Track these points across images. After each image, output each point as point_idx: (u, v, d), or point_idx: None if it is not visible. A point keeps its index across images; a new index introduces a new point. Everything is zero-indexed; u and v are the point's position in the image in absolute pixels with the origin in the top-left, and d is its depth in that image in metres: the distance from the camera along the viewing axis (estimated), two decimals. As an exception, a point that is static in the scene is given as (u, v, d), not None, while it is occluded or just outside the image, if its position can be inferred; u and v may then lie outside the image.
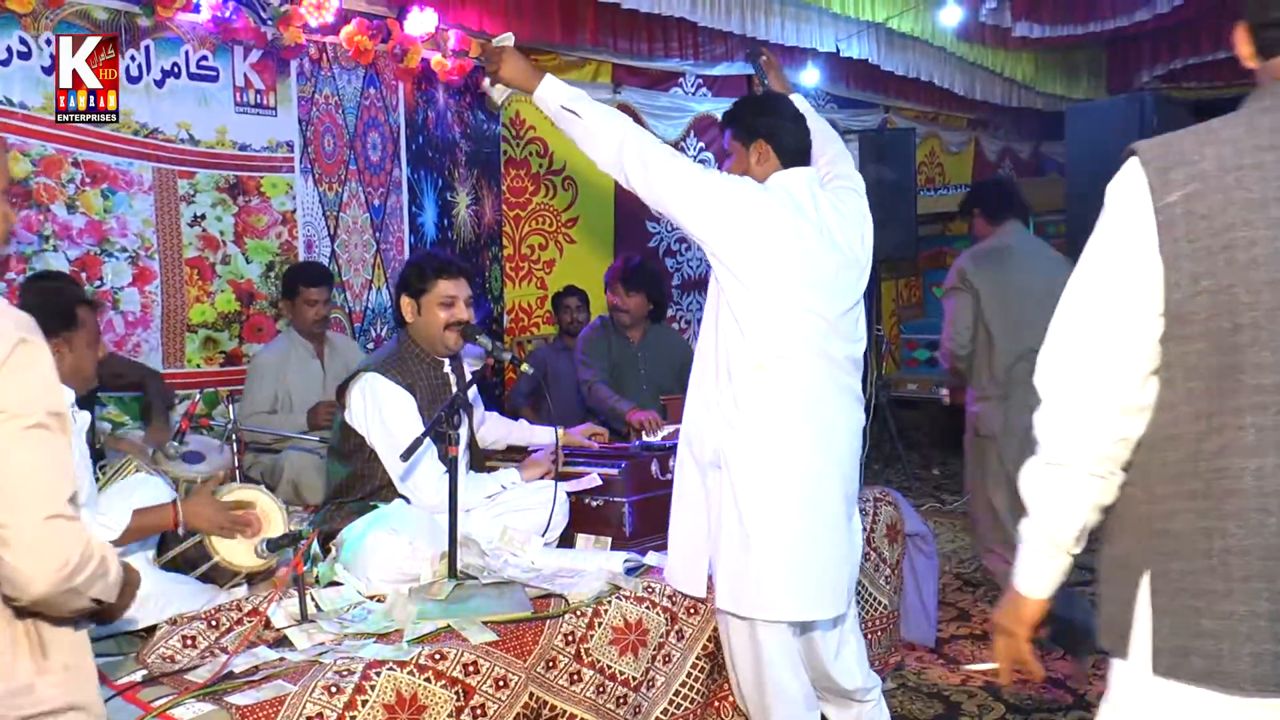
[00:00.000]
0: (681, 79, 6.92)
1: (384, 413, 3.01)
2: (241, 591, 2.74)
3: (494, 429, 3.55)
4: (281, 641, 2.39)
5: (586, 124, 2.58)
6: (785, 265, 2.51)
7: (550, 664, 2.45)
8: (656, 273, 4.56)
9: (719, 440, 2.55)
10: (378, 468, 3.04)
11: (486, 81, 2.77)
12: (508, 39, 2.74)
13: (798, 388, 2.52)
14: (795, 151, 2.67)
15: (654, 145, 2.56)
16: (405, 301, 3.15)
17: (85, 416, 2.75)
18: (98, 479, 2.97)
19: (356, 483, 3.08)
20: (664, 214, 2.63)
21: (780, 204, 2.54)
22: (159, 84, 4.40)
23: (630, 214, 6.66)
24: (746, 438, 2.51)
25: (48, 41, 4.05)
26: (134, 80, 4.29)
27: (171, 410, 3.81)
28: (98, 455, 3.32)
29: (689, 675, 2.74)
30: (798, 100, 3.00)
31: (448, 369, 3.19)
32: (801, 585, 2.52)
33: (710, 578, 2.67)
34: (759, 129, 2.67)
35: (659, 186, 2.54)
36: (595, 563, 2.85)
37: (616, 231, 6.57)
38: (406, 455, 2.67)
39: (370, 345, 5.21)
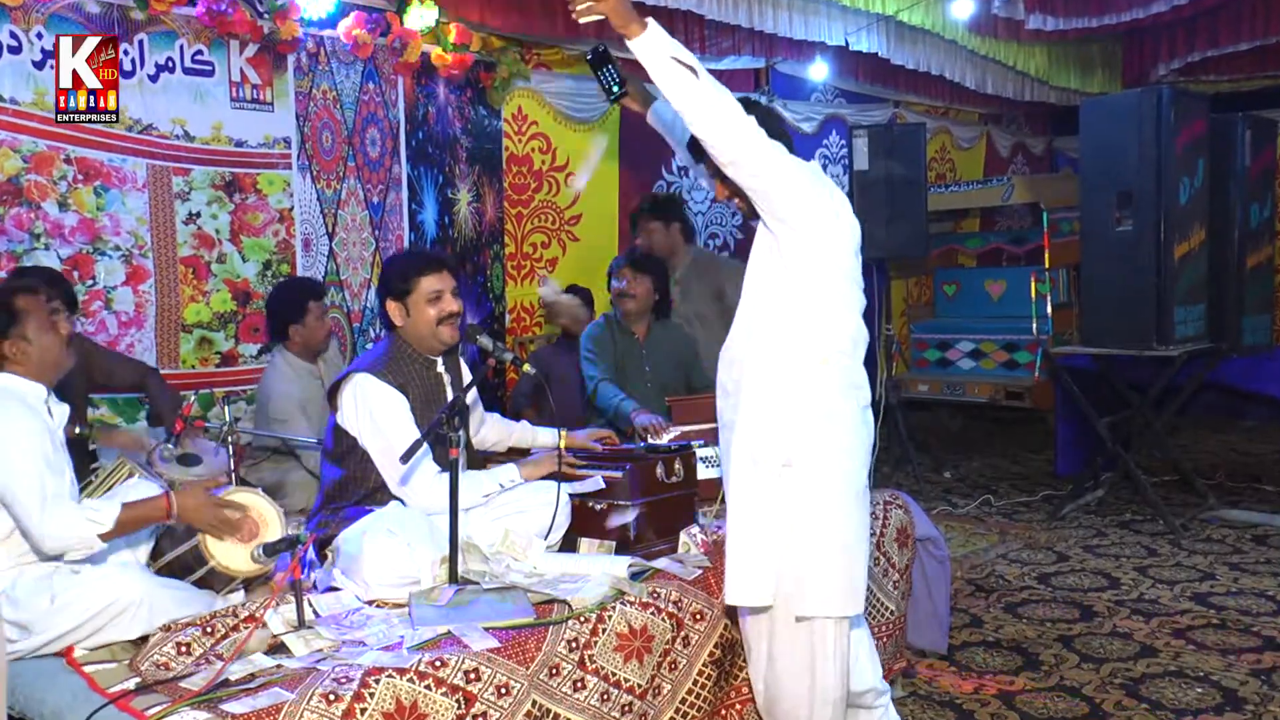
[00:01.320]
0: (687, 73, 6.90)
1: (375, 414, 3.00)
2: (238, 597, 2.73)
3: (495, 431, 3.54)
4: (278, 648, 2.39)
5: (702, 86, 2.38)
6: (847, 258, 2.59)
7: (553, 671, 2.44)
8: (664, 262, 4.56)
9: (789, 439, 2.53)
10: (371, 470, 3.03)
11: (574, 11, 2.50)
12: None
13: (851, 380, 2.59)
14: (790, 145, 2.67)
15: (755, 125, 2.46)
16: (392, 306, 3.13)
17: (64, 409, 2.74)
18: (89, 483, 2.98)
19: (350, 485, 3.08)
20: (755, 196, 2.53)
21: (831, 196, 2.61)
22: (153, 79, 4.40)
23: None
24: (817, 434, 2.53)
25: (39, 35, 4.06)
26: (128, 75, 4.29)
27: (179, 408, 3.75)
28: (90, 455, 3.31)
29: (695, 683, 2.74)
30: (663, 109, 2.90)
31: (440, 368, 3.18)
32: (860, 578, 2.59)
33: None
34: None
35: (763, 170, 2.47)
36: (599, 567, 2.84)
37: (621, 230, 6.56)
38: (406, 458, 2.67)
39: (369, 346, 5.21)
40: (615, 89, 2.71)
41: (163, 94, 4.43)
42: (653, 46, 2.37)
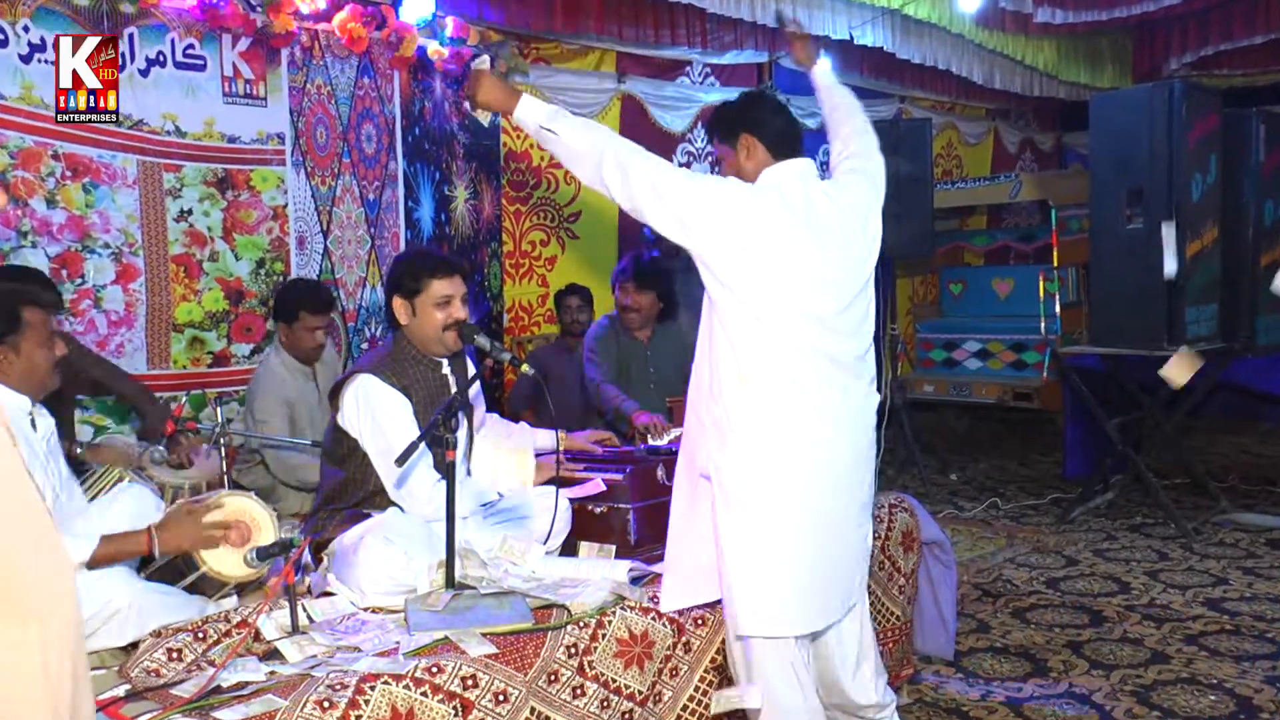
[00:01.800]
0: (689, 68, 6.91)
1: (377, 416, 3.00)
2: (230, 602, 2.73)
3: (493, 432, 3.54)
4: (272, 654, 2.39)
5: (566, 141, 2.58)
6: (775, 269, 2.53)
7: (552, 677, 2.44)
8: (669, 269, 4.54)
9: (709, 452, 2.60)
10: (371, 473, 3.04)
11: (467, 105, 2.81)
12: (484, 62, 2.75)
13: (790, 397, 2.54)
14: (783, 141, 2.69)
15: (633, 153, 2.57)
16: (398, 303, 3.13)
17: (49, 422, 2.73)
18: (82, 484, 2.97)
19: (349, 487, 3.08)
20: (649, 225, 2.62)
21: (768, 204, 2.56)
22: (143, 73, 4.40)
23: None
24: (736, 452, 2.56)
25: (25, 29, 4.05)
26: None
27: (165, 419, 3.76)
28: (79, 468, 3.31)
29: (696, 689, 2.73)
30: (824, 69, 3.14)
31: (447, 370, 3.18)
32: (794, 599, 2.56)
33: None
34: (741, 124, 2.70)
35: (639, 195, 2.54)
36: (599, 572, 2.84)
37: (621, 227, 6.57)
38: (401, 460, 2.67)
39: (364, 345, 5.21)
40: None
41: (153, 89, 4.43)
42: (524, 120, 2.62)
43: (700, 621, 2.75)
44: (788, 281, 2.53)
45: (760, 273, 2.52)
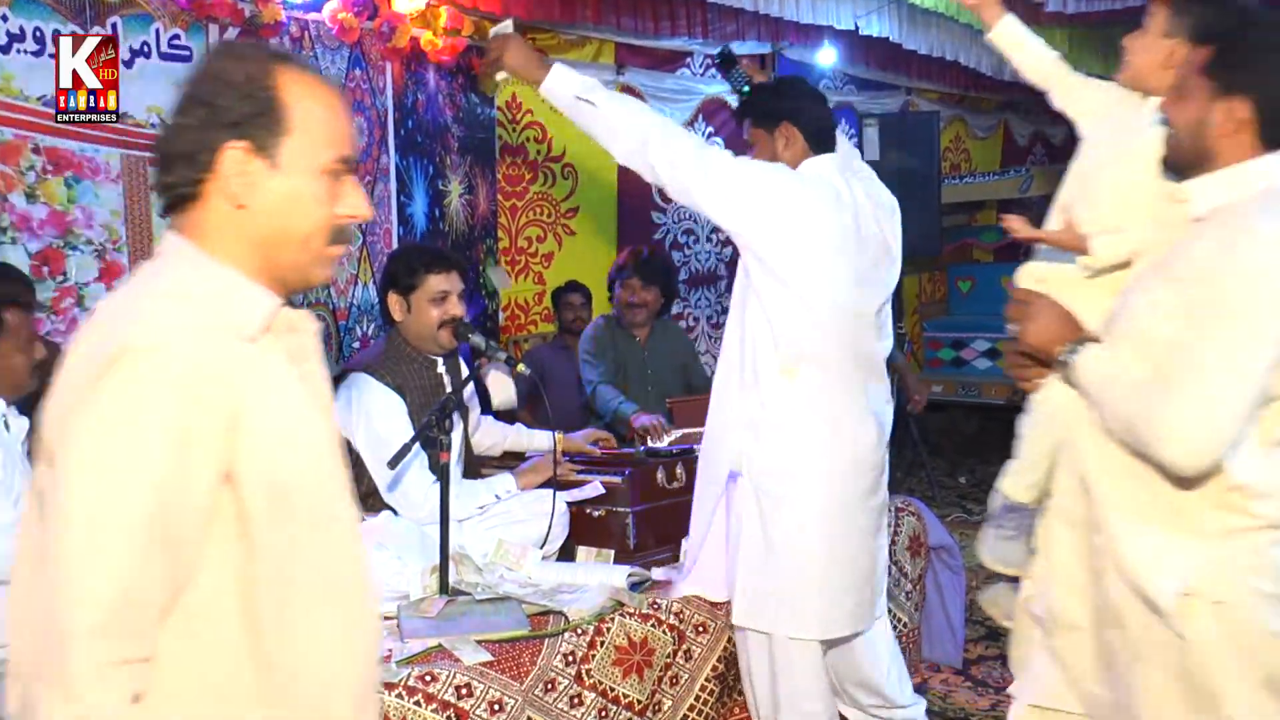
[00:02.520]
0: (689, 59, 6.90)
1: (372, 416, 3.01)
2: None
3: (489, 434, 3.55)
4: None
5: (605, 115, 2.57)
6: (826, 261, 2.54)
7: (549, 686, 2.44)
8: (671, 263, 4.55)
9: (741, 447, 2.59)
10: (364, 475, 3.03)
11: (486, 76, 2.82)
12: (507, 25, 2.75)
13: (828, 392, 2.56)
14: (821, 133, 2.71)
15: (681, 136, 2.58)
16: (393, 299, 3.14)
17: (23, 422, 2.72)
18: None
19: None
20: (695, 209, 2.62)
21: (820, 194, 2.57)
22: (128, 64, 4.38)
23: (634, 204, 6.66)
24: (771, 445, 2.55)
25: (4, 18, 4.05)
26: (101, 61, 4.28)
27: None
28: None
29: (697, 699, 2.74)
30: None
31: (441, 368, 3.18)
32: (828, 600, 2.57)
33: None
34: (782, 111, 2.69)
35: (687, 177, 2.53)
36: (597, 577, 2.85)
37: (620, 223, 6.57)
38: (394, 463, 2.67)
39: (355, 345, 5.21)
40: (744, 89, 2.97)
41: (138, 81, 4.41)
42: (556, 90, 2.60)
43: (701, 629, 2.75)
44: (837, 276, 2.56)
45: (810, 263, 2.53)
